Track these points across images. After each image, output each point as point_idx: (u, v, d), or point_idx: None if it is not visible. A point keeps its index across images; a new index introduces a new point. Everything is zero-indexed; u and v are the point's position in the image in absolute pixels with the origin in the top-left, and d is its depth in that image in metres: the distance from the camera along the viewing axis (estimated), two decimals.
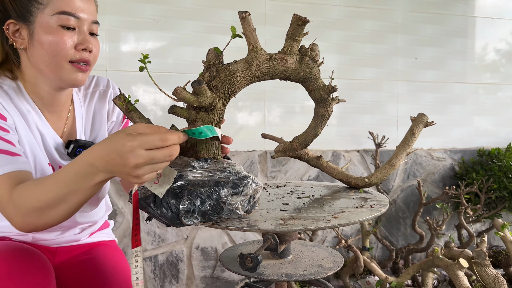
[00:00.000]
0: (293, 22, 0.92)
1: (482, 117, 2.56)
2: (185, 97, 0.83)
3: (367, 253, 2.01)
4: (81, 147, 1.07)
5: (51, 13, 0.96)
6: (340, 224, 0.84)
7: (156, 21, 2.04)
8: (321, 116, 1.04)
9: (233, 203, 0.83)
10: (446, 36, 2.46)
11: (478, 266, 1.71)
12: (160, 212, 0.81)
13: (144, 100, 2.04)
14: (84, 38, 0.99)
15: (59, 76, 0.99)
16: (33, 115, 1.02)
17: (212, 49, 0.92)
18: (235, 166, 0.88)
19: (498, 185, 2.18)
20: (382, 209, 0.95)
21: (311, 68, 0.95)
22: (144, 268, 2.07)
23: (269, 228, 0.82)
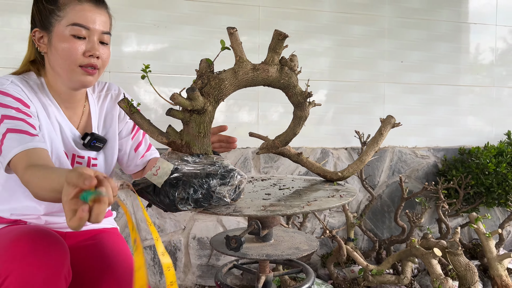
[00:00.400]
0: (274, 36, 1.07)
1: (464, 117, 2.70)
2: (181, 101, 0.98)
3: (351, 243, 2.16)
4: (96, 140, 1.24)
5: (66, 24, 1.12)
6: (311, 210, 0.99)
7: (157, 26, 2.18)
8: (299, 118, 1.18)
9: (221, 192, 0.98)
10: (431, 40, 2.60)
11: (451, 255, 1.87)
12: (158, 199, 0.96)
13: (145, 99, 2.19)
14: (92, 46, 1.14)
15: (70, 78, 1.15)
16: (53, 108, 1.18)
17: (204, 60, 1.06)
18: (223, 161, 1.03)
19: (476, 181, 2.32)
20: (350, 198, 1.10)
21: (289, 77, 1.10)
22: (144, 256, 2.22)
23: (251, 213, 0.97)
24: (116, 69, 2.13)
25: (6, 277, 0.92)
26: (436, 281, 1.74)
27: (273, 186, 1.26)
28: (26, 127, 1.04)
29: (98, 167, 1.28)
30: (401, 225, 2.22)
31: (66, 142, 1.21)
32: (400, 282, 1.92)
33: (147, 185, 0.98)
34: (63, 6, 1.13)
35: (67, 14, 1.12)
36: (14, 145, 1.00)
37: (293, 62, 1.11)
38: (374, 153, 1.33)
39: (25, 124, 1.05)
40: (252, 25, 2.31)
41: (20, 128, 1.03)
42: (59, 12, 1.12)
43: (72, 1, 1.13)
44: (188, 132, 1.04)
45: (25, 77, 1.18)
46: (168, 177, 0.95)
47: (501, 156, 2.35)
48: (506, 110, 2.78)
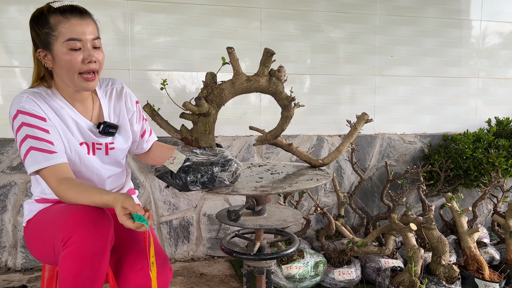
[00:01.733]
0: (264, 54, 1.35)
1: (449, 106, 2.96)
2: (190, 108, 1.28)
3: (341, 219, 2.46)
4: (108, 126, 1.51)
5: (62, 41, 1.35)
6: (291, 190, 1.29)
7: (169, 28, 2.46)
8: (286, 117, 1.47)
9: (222, 176, 1.28)
10: (419, 36, 2.84)
11: (426, 230, 2.16)
12: (174, 182, 1.27)
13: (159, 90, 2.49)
14: (88, 53, 1.37)
15: (74, 85, 1.41)
16: (66, 109, 1.45)
17: (209, 73, 1.35)
18: (223, 152, 1.33)
19: (455, 165, 2.59)
20: (324, 181, 1.39)
21: (276, 85, 1.39)
22: (161, 230, 2.56)
23: (245, 193, 1.28)
24: (134, 67, 2.43)
25: (70, 238, 1.23)
26: (410, 251, 2.03)
27: (267, 172, 1.56)
28: (47, 145, 1.33)
29: (115, 150, 1.55)
30: (387, 204, 2.51)
31: (84, 133, 1.48)
32: (382, 253, 2.21)
33: (165, 171, 1.29)
34: (55, 27, 1.34)
35: (60, 32, 1.34)
36: (35, 161, 1.31)
37: (280, 73, 1.40)
38: (349, 144, 1.61)
39: (46, 143, 1.33)
40: (254, 25, 2.58)
41: (42, 147, 1.32)
42: (53, 32, 1.35)
43: (61, 20, 1.34)
44: (197, 130, 1.34)
45: (38, 90, 1.42)
46: (182, 165, 1.26)
47: (478, 142, 2.61)
48: (488, 99, 3.02)
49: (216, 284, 2.28)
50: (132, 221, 1.17)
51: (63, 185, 1.30)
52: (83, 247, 1.21)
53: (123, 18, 2.38)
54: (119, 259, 1.46)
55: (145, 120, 1.68)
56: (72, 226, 1.23)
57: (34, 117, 1.35)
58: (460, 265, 2.25)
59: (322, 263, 2.22)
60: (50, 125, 1.38)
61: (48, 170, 1.32)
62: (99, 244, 1.23)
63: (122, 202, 1.18)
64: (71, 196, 1.29)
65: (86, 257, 1.21)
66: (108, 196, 1.24)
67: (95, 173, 1.52)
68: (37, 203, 1.53)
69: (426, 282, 2.06)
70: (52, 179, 1.32)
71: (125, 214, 1.18)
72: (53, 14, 1.33)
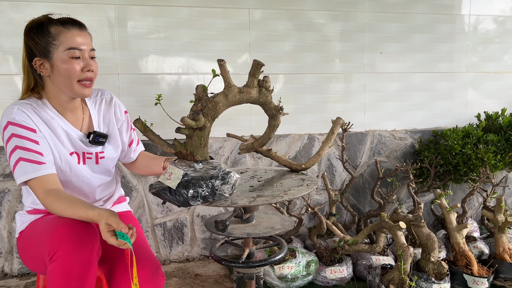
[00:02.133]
0: (253, 65, 1.36)
1: (439, 101, 2.97)
2: (189, 123, 1.30)
3: (333, 218, 2.49)
4: (98, 136, 1.55)
5: (63, 50, 1.40)
6: (289, 198, 1.31)
7: (158, 31, 2.46)
8: (273, 126, 1.49)
9: (222, 189, 1.29)
10: (408, 32, 2.85)
11: (415, 227, 2.19)
12: (174, 198, 1.27)
13: (149, 93, 2.50)
14: (87, 63, 1.44)
15: (72, 92, 1.45)
16: (57, 120, 1.48)
17: (200, 86, 1.37)
18: (221, 165, 1.35)
19: (444, 161, 2.62)
20: (314, 186, 1.41)
21: (266, 96, 1.41)
22: (155, 232, 2.59)
23: (246, 204, 1.29)
24: (124, 71, 2.43)
25: (55, 252, 1.26)
26: (400, 249, 2.07)
27: (252, 179, 1.58)
28: (36, 156, 1.36)
29: (105, 159, 1.58)
30: (378, 201, 2.54)
31: (75, 143, 1.51)
32: (373, 250, 2.25)
33: (163, 187, 1.29)
34: (56, 36, 1.40)
35: (62, 41, 1.40)
36: (24, 172, 1.35)
37: (267, 83, 1.41)
38: (328, 147, 1.63)
39: (35, 154, 1.36)
40: (243, 25, 2.58)
41: (31, 158, 1.35)
42: (54, 41, 1.40)
43: (62, 30, 1.40)
44: (192, 144, 1.36)
45: (28, 102, 1.45)
46: (180, 180, 1.27)
47: (467, 137, 2.64)
48: (478, 94, 3.04)
49: (211, 285, 2.32)
50: (115, 238, 1.20)
51: (50, 197, 1.34)
52: (68, 262, 1.24)
53: (111, 22, 2.37)
54: (111, 267, 1.49)
55: (133, 130, 1.71)
56: (57, 241, 1.26)
57: (24, 128, 1.38)
58: (449, 260, 2.29)
59: (314, 262, 2.26)
60: (40, 136, 1.40)
61: (36, 180, 1.35)
62: (84, 258, 1.26)
63: (107, 219, 1.21)
64: (57, 208, 1.33)
65: (71, 271, 1.24)
66: (93, 212, 1.26)
67: (85, 182, 1.55)
68: (29, 215, 1.56)
69: (415, 279, 2.10)
70: (40, 190, 1.35)
71: (109, 231, 1.21)
72: (54, 24, 1.40)
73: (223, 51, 2.56)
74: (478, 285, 2.14)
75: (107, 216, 1.22)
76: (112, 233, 1.21)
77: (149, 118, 2.45)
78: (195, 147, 1.35)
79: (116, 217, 1.22)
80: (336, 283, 2.28)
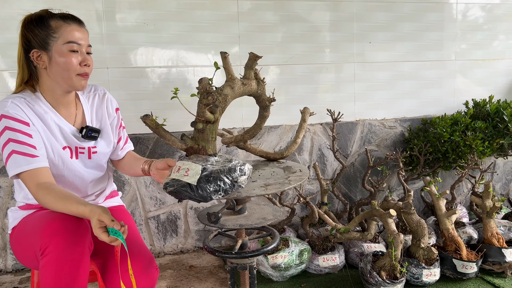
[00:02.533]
0: (250, 58, 1.39)
1: (428, 89, 3.00)
2: (209, 117, 1.31)
3: (325, 207, 2.52)
4: (91, 131, 1.56)
5: (62, 43, 1.42)
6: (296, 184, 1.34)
7: (146, 24, 2.45)
8: (264, 117, 1.51)
9: (240, 181, 1.30)
10: (396, 21, 2.86)
11: (405, 214, 2.23)
12: (197, 194, 1.24)
13: (138, 87, 2.50)
14: (84, 57, 1.47)
15: (70, 84, 1.47)
16: (50, 114, 1.49)
17: (205, 78, 1.37)
18: (232, 158, 1.35)
19: (434, 148, 2.66)
20: (304, 178, 1.43)
21: (262, 88, 1.43)
22: (149, 225, 2.60)
23: (261, 193, 1.29)
24: (113, 65, 2.42)
25: (46, 247, 1.27)
26: (390, 236, 2.10)
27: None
28: (29, 149, 1.37)
29: (98, 154, 1.60)
30: (369, 189, 2.57)
31: (67, 137, 1.52)
32: (365, 238, 2.28)
33: (182, 185, 1.25)
34: (56, 29, 1.42)
35: (62, 35, 1.42)
36: (16, 165, 1.36)
37: (258, 75, 1.43)
38: (302, 135, 1.67)
39: (28, 147, 1.37)
40: (231, 18, 2.57)
41: (23, 151, 1.36)
42: (54, 34, 1.42)
43: (63, 24, 1.43)
44: (203, 138, 1.37)
45: (22, 95, 1.46)
46: (200, 175, 1.24)
47: (456, 125, 2.67)
48: (466, 81, 3.08)
49: (205, 276, 2.34)
50: (107, 234, 1.20)
51: (42, 190, 1.34)
52: (60, 256, 1.26)
53: (99, 15, 2.36)
54: (105, 260, 1.51)
55: (123, 128, 1.72)
56: (48, 235, 1.27)
57: (17, 121, 1.39)
58: (439, 246, 2.34)
59: (306, 251, 2.29)
60: (33, 129, 1.41)
61: (28, 173, 1.36)
62: (76, 252, 1.28)
63: (99, 215, 1.22)
64: (48, 202, 1.33)
65: (62, 266, 1.25)
66: (85, 207, 1.27)
67: (78, 177, 1.56)
68: (21, 210, 1.57)
69: (406, 265, 2.14)
70: (32, 183, 1.36)
71: (101, 227, 1.21)
72: (54, 18, 1.43)
73: (212, 43, 2.56)
74: (467, 269, 2.18)
75: (99, 213, 1.22)
76: (104, 229, 1.21)
77: (140, 112, 2.46)
78: (206, 141, 1.37)
79: (108, 214, 1.23)
80: (328, 271, 2.31)
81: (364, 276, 2.11)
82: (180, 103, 1.40)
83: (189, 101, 1.56)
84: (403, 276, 2.07)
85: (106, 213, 1.22)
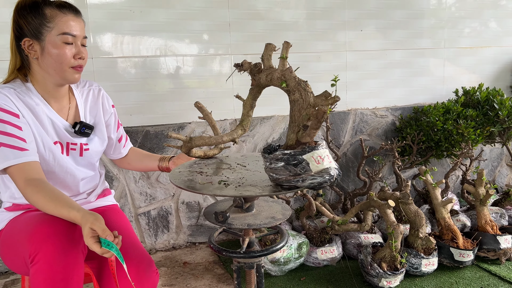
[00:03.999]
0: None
1: (418, 77, 2.99)
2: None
3: (320, 198, 2.49)
4: (84, 127, 1.48)
5: (56, 34, 1.33)
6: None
7: (132, 11, 2.32)
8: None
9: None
10: (387, 8, 2.82)
11: (403, 205, 2.22)
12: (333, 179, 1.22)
13: (126, 78, 2.38)
14: (79, 50, 1.38)
15: (63, 77, 1.38)
16: (41, 106, 1.39)
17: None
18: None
19: (426, 137, 2.65)
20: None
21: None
22: (139, 221, 2.51)
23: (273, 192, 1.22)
24: (98, 55, 2.29)
25: (36, 254, 1.18)
26: (390, 227, 2.09)
27: (242, 167, 1.52)
28: (18, 142, 1.28)
29: (90, 151, 1.51)
30: (363, 179, 2.55)
31: (59, 132, 1.43)
32: (362, 229, 2.27)
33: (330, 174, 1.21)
34: (51, 19, 1.33)
35: (56, 25, 1.33)
36: (4, 158, 1.26)
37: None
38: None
39: (17, 140, 1.28)
40: (222, 5, 2.47)
41: (12, 144, 1.27)
42: (49, 23, 1.32)
43: (58, 14, 1.34)
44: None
45: (12, 86, 1.37)
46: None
47: (448, 113, 2.67)
48: (455, 69, 3.08)
49: (201, 273, 2.28)
50: (99, 245, 1.11)
51: (31, 187, 1.24)
52: (51, 264, 1.17)
53: (82, 3, 2.21)
54: (100, 264, 1.43)
55: (120, 125, 1.65)
56: (37, 241, 1.19)
57: (6, 112, 1.29)
58: (435, 235, 2.34)
59: (305, 244, 2.26)
60: (23, 122, 1.32)
61: (17, 167, 1.26)
62: (68, 259, 1.19)
63: (92, 223, 1.13)
64: (38, 200, 1.23)
65: (55, 274, 1.17)
66: (77, 213, 1.18)
67: (69, 174, 1.47)
68: (7, 212, 1.46)
69: (405, 256, 2.13)
70: (21, 178, 1.26)
71: (93, 237, 1.12)
72: (50, 6, 1.34)
73: (202, 30, 2.46)
74: (464, 257, 2.20)
75: (92, 221, 1.13)
76: (96, 239, 1.12)
77: (127, 104, 2.35)
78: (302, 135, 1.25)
79: (101, 223, 1.13)
80: (327, 263, 2.29)
81: (364, 268, 2.09)
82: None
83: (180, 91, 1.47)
84: (403, 267, 2.07)
85: (99, 222, 1.13)
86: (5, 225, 1.44)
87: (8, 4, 2.08)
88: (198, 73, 2.49)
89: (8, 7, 2.06)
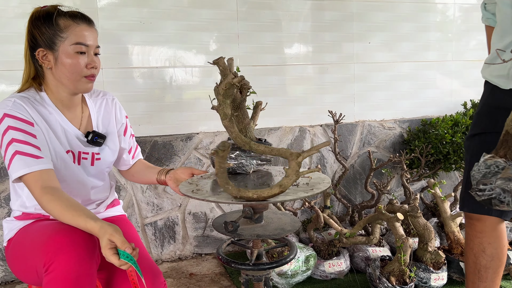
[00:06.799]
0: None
1: (426, 90, 2.99)
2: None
3: (328, 210, 2.47)
4: (97, 136, 1.48)
5: (69, 44, 1.35)
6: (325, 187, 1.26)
7: (142, 22, 2.34)
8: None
9: None
10: (395, 21, 2.83)
11: (412, 218, 2.20)
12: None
13: (135, 88, 2.39)
14: (91, 59, 1.39)
15: (76, 86, 1.39)
16: (55, 115, 1.41)
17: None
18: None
19: (435, 150, 2.64)
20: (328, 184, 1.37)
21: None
22: (146, 231, 2.50)
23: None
24: (108, 66, 2.31)
25: (50, 264, 1.17)
26: (399, 241, 2.07)
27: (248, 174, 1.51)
28: (33, 150, 1.28)
29: (101, 161, 1.51)
30: (371, 192, 2.54)
31: (72, 141, 1.44)
32: (370, 242, 2.25)
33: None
34: (64, 29, 1.35)
35: (70, 35, 1.35)
36: (21, 166, 1.26)
37: None
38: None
39: (32, 148, 1.28)
40: (231, 17, 2.49)
41: (27, 152, 1.27)
42: (62, 34, 1.34)
43: (71, 24, 1.36)
44: None
45: (26, 95, 1.38)
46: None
47: (456, 126, 2.66)
48: (463, 81, 3.08)
49: (207, 284, 2.26)
50: (117, 257, 1.11)
51: (48, 195, 1.24)
52: (66, 273, 1.16)
53: (93, 14, 2.23)
54: (110, 275, 1.42)
55: (132, 136, 1.66)
56: (53, 251, 1.18)
57: (21, 121, 1.31)
58: (444, 249, 2.32)
59: (312, 256, 2.23)
60: (37, 130, 1.33)
61: (33, 175, 1.26)
62: (83, 269, 1.18)
63: (111, 235, 1.12)
64: (54, 209, 1.22)
65: (69, 283, 1.16)
66: (94, 223, 1.17)
67: (80, 183, 1.47)
68: (17, 221, 1.46)
69: (414, 270, 2.11)
70: (37, 186, 1.25)
71: (111, 248, 1.12)
72: (63, 17, 1.36)
73: (210, 42, 2.47)
74: None
75: (111, 232, 1.13)
76: (114, 251, 1.12)
77: (135, 114, 2.36)
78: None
79: (120, 235, 1.13)
80: (334, 277, 2.26)
81: (373, 282, 2.07)
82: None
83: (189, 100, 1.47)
84: (412, 281, 2.04)
85: (118, 234, 1.13)
86: (14, 234, 1.44)
87: (22, 15, 2.11)
88: (206, 84, 2.50)
89: (21, 18, 2.08)
